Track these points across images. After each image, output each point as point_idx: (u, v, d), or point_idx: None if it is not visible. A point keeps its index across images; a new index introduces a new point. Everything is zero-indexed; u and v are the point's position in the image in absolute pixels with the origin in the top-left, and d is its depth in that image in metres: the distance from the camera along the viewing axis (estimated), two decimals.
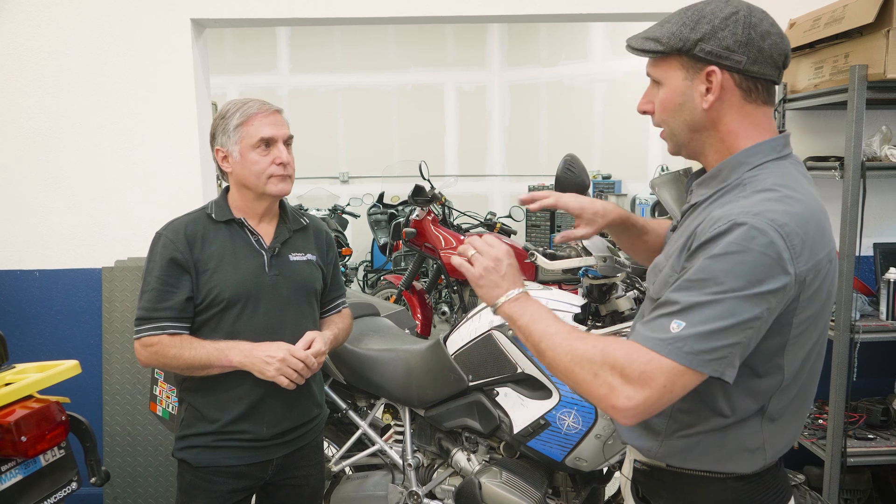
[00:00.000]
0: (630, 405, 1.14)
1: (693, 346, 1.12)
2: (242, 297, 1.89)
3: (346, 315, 2.21)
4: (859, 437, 2.78)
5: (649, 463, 1.37)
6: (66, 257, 3.24)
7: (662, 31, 1.25)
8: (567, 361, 1.22)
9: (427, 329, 4.80)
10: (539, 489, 2.27)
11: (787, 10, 3.07)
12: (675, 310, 1.15)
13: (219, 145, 1.91)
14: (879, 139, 2.78)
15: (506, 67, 8.87)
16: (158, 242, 1.89)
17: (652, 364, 1.13)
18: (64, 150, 3.18)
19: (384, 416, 2.76)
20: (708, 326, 1.11)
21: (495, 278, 1.37)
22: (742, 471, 1.28)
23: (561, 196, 1.63)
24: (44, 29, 3.12)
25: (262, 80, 8.74)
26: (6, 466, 2.03)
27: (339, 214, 7.54)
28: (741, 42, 1.20)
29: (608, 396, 1.16)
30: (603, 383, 1.17)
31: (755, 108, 1.26)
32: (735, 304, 1.11)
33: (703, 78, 1.22)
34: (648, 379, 1.13)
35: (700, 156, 1.32)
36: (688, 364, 1.12)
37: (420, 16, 3.18)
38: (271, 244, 1.96)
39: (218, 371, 1.86)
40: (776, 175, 1.22)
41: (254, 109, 1.88)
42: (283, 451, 2.00)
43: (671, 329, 1.13)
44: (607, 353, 1.17)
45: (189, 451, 1.95)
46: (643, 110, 1.34)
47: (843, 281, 2.61)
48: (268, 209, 1.97)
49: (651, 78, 1.30)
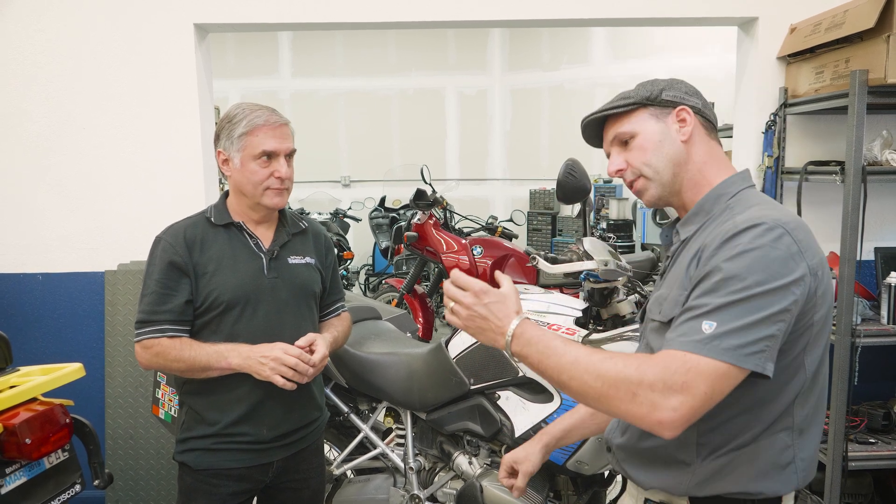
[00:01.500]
0: (676, 416, 1.13)
1: (730, 342, 1.13)
2: (241, 300, 1.90)
3: (346, 318, 2.21)
4: (860, 442, 2.79)
5: (668, 502, 1.36)
6: (69, 260, 3.25)
7: (626, 94, 1.41)
8: (599, 387, 1.18)
9: (428, 333, 4.81)
10: (540, 493, 2.27)
11: (788, 16, 3.09)
12: (703, 311, 1.16)
13: (221, 148, 1.92)
14: (880, 144, 2.78)
15: (507, 71, 8.88)
16: (158, 246, 1.90)
17: (692, 369, 1.13)
18: (67, 153, 3.20)
19: (386, 419, 2.76)
20: (740, 322, 1.14)
21: (480, 323, 1.31)
22: (777, 491, 1.27)
23: None
24: (47, 33, 3.13)
25: (264, 83, 8.76)
26: (11, 469, 2.04)
27: (340, 218, 7.55)
28: (693, 91, 1.41)
29: (651, 414, 1.14)
30: (644, 402, 1.14)
31: (716, 145, 1.41)
32: (763, 298, 1.15)
33: (674, 117, 1.37)
34: (691, 385, 1.12)
35: (678, 194, 1.40)
36: (729, 360, 1.13)
37: (421, 20, 3.19)
38: (270, 247, 1.97)
39: (217, 373, 1.86)
40: (756, 196, 1.35)
41: (260, 121, 1.88)
42: (283, 453, 2.01)
43: (704, 330, 1.14)
44: (643, 369, 1.15)
45: (189, 454, 1.95)
46: (617, 169, 1.42)
47: (845, 285, 2.61)
48: (265, 215, 1.98)
49: (620, 139, 1.41)
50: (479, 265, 4.49)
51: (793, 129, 3.15)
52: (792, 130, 3.14)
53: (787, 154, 3.14)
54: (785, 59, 3.12)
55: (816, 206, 3.08)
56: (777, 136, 3.12)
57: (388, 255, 6.80)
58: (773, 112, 3.12)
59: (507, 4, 3.16)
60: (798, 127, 3.15)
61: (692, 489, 1.30)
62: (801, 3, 3.05)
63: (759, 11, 3.12)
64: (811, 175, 2.92)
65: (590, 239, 2.15)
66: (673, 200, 1.41)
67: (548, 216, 8.17)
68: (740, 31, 3.32)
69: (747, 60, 3.26)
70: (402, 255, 6.81)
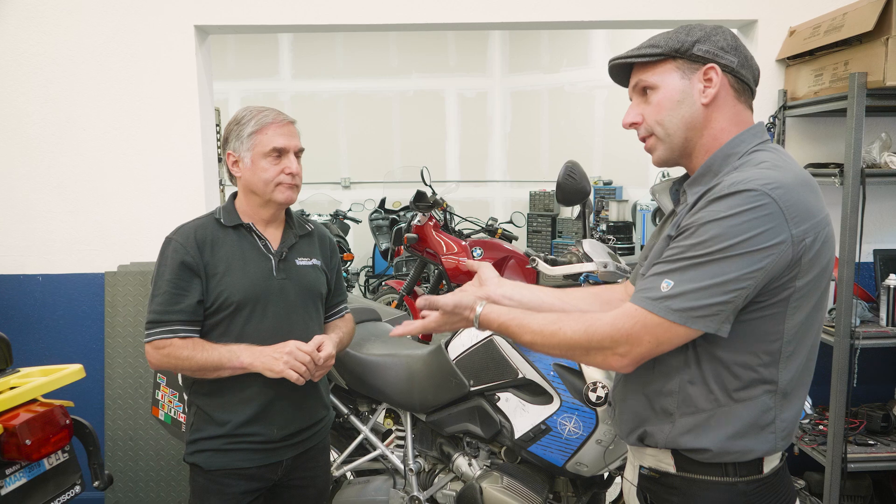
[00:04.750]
0: (625, 361, 1.28)
1: (681, 304, 1.21)
2: (251, 301, 1.91)
3: (349, 319, 2.23)
4: (860, 443, 2.79)
5: (658, 468, 1.38)
6: (69, 262, 3.26)
7: (657, 40, 1.33)
8: (559, 353, 1.37)
9: (428, 334, 4.81)
10: (540, 494, 2.27)
11: (788, 18, 3.10)
12: (666, 269, 1.24)
13: (231, 150, 1.94)
14: (879, 146, 2.79)
15: (507, 74, 8.89)
16: (169, 246, 1.91)
17: (638, 321, 1.24)
18: (67, 155, 3.20)
19: (385, 420, 2.77)
20: (695, 285, 1.20)
21: (449, 322, 1.49)
22: (754, 450, 1.29)
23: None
24: (47, 35, 3.14)
25: (265, 85, 8.76)
26: (10, 470, 2.04)
27: (340, 220, 7.54)
28: (732, 46, 1.31)
29: (605, 362, 1.31)
30: (597, 355, 1.30)
31: (744, 109, 1.34)
32: (722, 263, 1.18)
33: (701, 76, 1.30)
34: (636, 336, 1.25)
35: (688, 158, 1.37)
36: (675, 320, 1.21)
37: (422, 23, 3.20)
38: (279, 248, 1.98)
39: (229, 373, 1.87)
40: (763, 155, 1.29)
41: (269, 119, 1.91)
42: (292, 452, 2.02)
43: (661, 288, 1.23)
44: (591, 331, 1.29)
45: (200, 455, 1.96)
46: (631, 122, 1.39)
47: (844, 287, 2.62)
48: (274, 215, 2.00)
49: (642, 87, 1.36)
50: None
51: (792, 131, 3.15)
52: (791, 133, 3.15)
53: None
54: (784, 62, 3.12)
55: None
56: (776, 138, 3.12)
57: (388, 256, 6.80)
58: (773, 114, 3.13)
59: (507, 7, 3.17)
60: (797, 129, 3.16)
61: (671, 440, 1.33)
62: (800, 5, 3.06)
63: (758, 14, 3.13)
64: None
65: (589, 241, 2.16)
66: (683, 163, 1.38)
67: (548, 218, 8.17)
68: (739, 34, 3.32)
69: None
70: (402, 256, 6.81)
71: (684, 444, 1.31)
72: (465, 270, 4.48)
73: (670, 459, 1.35)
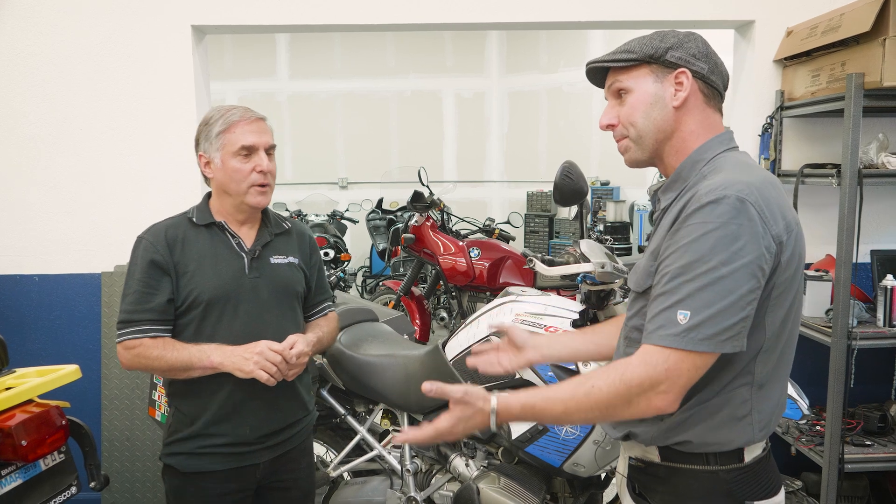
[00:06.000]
0: (669, 398, 1.24)
1: (706, 332, 1.20)
2: (222, 300, 1.89)
3: (332, 318, 2.20)
4: (857, 444, 2.79)
5: (644, 458, 1.41)
6: (66, 262, 3.25)
7: (633, 46, 1.38)
8: (599, 415, 1.29)
9: (426, 335, 4.80)
10: (537, 495, 2.27)
11: (785, 19, 3.10)
12: (676, 300, 1.22)
13: (201, 151, 1.93)
14: (876, 147, 2.79)
15: (505, 74, 8.89)
16: (140, 246, 1.90)
17: (671, 360, 1.22)
18: (64, 155, 3.19)
19: (383, 421, 2.76)
20: (713, 309, 1.20)
21: (462, 417, 1.36)
22: (731, 441, 1.32)
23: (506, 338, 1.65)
24: (45, 35, 3.13)
25: (262, 85, 8.75)
26: (6, 471, 2.03)
27: (337, 220, 7.53)
28: (703, 53, 1.36)
29: (649, 408, 1.25)
30: (640, 402, 1.25)
31: (712, 113, 1.39)
32: (730, 279, 1.19)
33: (672, 80, 1.35)
34: (673, 373, 1.22)
35: (660, 160, 1.41)
36: (706, 349, 1.21)
37: (419, 23, 3.20)
38: (252, 247, 1.96)
39: (199, 373, 1.85)
40: (729, 161, 1.33)
41: (236, 117, 1.89)
42: (268, 455, 2.00)
43: (679, 321, 1.21)
44: (627, 377, 1.24)
45: (175, 457, 1.95)
46: (608, 123, 1.42)
47: (841, 287, 2.62)
48: (249, 215, 1.98)
49: (617, 89, 1.40)
50: (476, 267, 4.49)
51: (789, 131, 3.15)
52: (788, 133, 3.15)
53: (783, 157, 3.15)
54: (781, 63, 3.13)
55: (813, 209, 3.09)
56: (773, 138, 3.13)
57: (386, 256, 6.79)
58: (770, 115, 3.13)
59: (504, 7, 3.17)
60: (794, 130, 3.16)
61: (657, 438, 1.36)
62: (797, 6, 3.06)
63: (755, 15, 3.13)
64: (807, 178, 2.92)
65: (587, 241, 2.15)
66: (657, 164, 1.42)
67: (545, 218, 8.17)
68: (737, 35, 3.32)
69: (744, 63, 3.27)
70: (400, 256, 6.81)
71: (667, 440, 1.35)
72: (461, 271, 4.48)
73: (655, 450, 1.39)
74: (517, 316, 2.26)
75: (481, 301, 4.62)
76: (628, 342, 1.42)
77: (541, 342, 1.65)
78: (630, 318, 1.42)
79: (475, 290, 4.62)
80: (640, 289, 1.36)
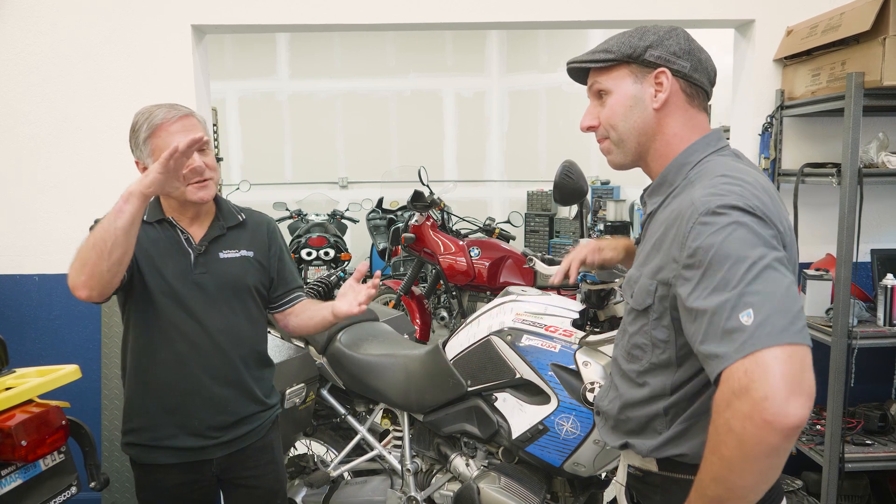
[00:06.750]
0: (801, 399, 1.02)
1: (778, 323, 1.04)
2: (169, 297, 1.87)
3: (307, 305, 2.14)
4: (857, 443, 2.79)
5: (642, 468, 1.39)
6: (66, 262, 3.18)
7: (611, 45, 1.34)
8: (733, 484, 1.10)
9: (426, 334, 4.80)
10: (538, 494, 2.27)
11: (785, 18, 3.10)
12: (731, 307, 1.07)
13: (136, 158, 1.87)
14: (876, 146, 2.79)
15: (505, 73, 8.89)
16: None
17: (756, 369, 1.03)
18: (64, 154, 3.19)
19: (383, 421, 2.76)
20: (775, 302, 1.06)
21: None
22: None
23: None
24: (45, 35, 3.13)
25: (262, 85, 8.75)
26: (6, 471, 2.03)
27: (338, 219, 7.53)
28: (684, 50, 1.31)
29: (759, 435, 1.03)
30: (742, 432, 1.05)
31: (697, 113, 1.34)
32: (770, 270, 1.09)
33: (652, 80, 1.31)
34: (756, 382, 1.02)
35: (644, 162, 1.37)
36: (789, 341, 1.04)
37: (419, 22, 3.19)
38: (199, 242, 1.93)
39: (123, 224, 1.68)
40: (718, 165, 1.27)
41: (159, 119, 1.82)
42: (220, 452, 1.96)
43: (743, 322, 1.05)
44: (730, 424, 1.06)
45: (132, 448, 1.95)
46: (588, 125, 1.39)
47: (841, 287, 2.62)
48: (197, 210, 1.94)
49: (597, 90, 1.37)
50: (477, 266, 4.49)
51: (789, 131, 3.15)
52: (788, 133, 3.15)
53: (783, 156, 3.15)
54: (781, 62, 3.12)
55: (813, 209, 3.09)
56: (774, 138, 3.13)
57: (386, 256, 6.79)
58: (770, 114, 3.13)
59: (504, 7, 3.17)
60: (794, 129, 3.16)
61: (653, 451, 1.33)
62: (797, 5, 3.06)
63: (755, 14, 3.13)
64: (808, 177, 2.92)
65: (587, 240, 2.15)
66: (641, 167, 1.39)
67: (545, 218, 8.18)
68: (737, 34, 3.32)
69: (744, 63, 3.27)
70: (400, 256, 6.81)
71: (662, 453, 1.33)
72: (461, 270, 4.48)
73: (653, 460, 1.37)
74: (517, 315, 2.26)
75: (481, 301, 4.62)
76: (630, 358, 1.37)
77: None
78: (632, 334, 1.36)
79: (475, 290, 4.62)
80: (641, 307, 1.30)
